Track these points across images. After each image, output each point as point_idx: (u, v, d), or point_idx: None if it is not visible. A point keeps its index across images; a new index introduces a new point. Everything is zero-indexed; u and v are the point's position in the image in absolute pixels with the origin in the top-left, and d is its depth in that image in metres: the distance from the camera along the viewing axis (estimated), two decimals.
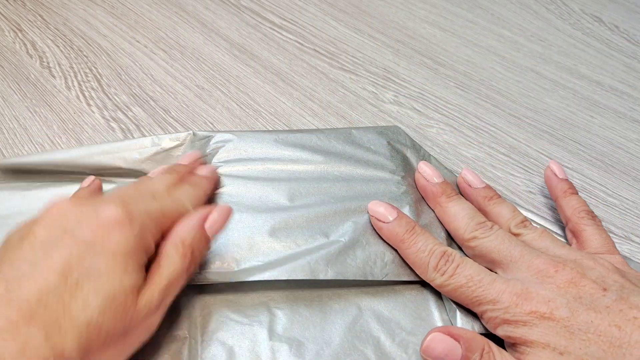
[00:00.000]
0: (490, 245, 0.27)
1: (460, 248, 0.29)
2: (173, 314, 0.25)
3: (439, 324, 0.26)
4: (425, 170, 0.30)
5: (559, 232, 0.32)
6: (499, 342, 0.25)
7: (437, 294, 0.27)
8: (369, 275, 0.27)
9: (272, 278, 0.26)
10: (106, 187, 0.30)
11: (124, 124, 0.36)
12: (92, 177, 0.28)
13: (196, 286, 0.27)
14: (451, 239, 0.29)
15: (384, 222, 0.28)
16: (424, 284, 0.27)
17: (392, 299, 0.27)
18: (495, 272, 0.26)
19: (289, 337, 0.25)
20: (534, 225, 0.29)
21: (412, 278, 0.27)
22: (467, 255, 0.28)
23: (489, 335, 0.25)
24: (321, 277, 0.26)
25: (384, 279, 0.27)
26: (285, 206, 0.29)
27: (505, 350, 0.24)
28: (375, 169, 0.31)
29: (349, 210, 0.29)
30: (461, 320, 0.26)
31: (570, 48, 0.47)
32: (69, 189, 0.29)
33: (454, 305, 0.26)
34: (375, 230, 0.28)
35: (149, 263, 0.23)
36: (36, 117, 0.36)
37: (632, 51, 0.47)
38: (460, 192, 0.31)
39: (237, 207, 0.29)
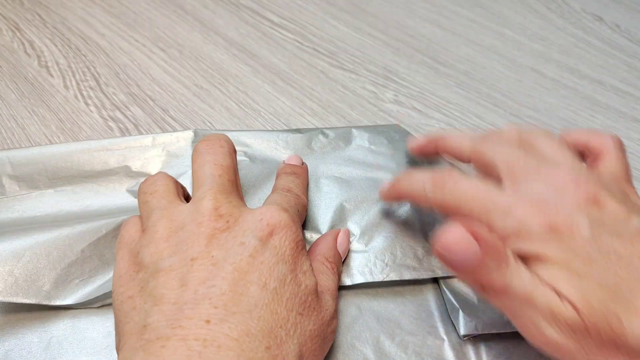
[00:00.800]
0: (497, 155, 0.23)
1: None
2: None
3: (439, 324, 0.26)
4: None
5: None
6: (497, 343, 0.25)
7: (438, 294, 0.27)
8: (369, 276, 0.26)
9: None
10: (110, 186, 0.30)
11: (122, 124, 0.36)
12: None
13: None
14: None
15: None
16: (424, 284, 0.27)
17: (391, 299, 0.27)
18: None
19: None
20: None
21: (412, 277, 0.27)
22: None
23: (487, 336, 0.25)
24: None
25: (384, 280, 0.27)
26: None
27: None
28: (377, 169, 0.31)
29: (349, 209, 0.29)
30: (464, 320, 0.25)
31: (571, 47, 0.46)
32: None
33: (457, 305, 0.26)
34: (375, 231, 0.28)
35: None
36: (34, 117, 0.36)
37: (633, 50, 0.46)
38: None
39: None
